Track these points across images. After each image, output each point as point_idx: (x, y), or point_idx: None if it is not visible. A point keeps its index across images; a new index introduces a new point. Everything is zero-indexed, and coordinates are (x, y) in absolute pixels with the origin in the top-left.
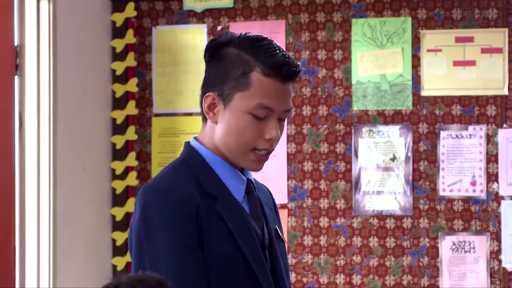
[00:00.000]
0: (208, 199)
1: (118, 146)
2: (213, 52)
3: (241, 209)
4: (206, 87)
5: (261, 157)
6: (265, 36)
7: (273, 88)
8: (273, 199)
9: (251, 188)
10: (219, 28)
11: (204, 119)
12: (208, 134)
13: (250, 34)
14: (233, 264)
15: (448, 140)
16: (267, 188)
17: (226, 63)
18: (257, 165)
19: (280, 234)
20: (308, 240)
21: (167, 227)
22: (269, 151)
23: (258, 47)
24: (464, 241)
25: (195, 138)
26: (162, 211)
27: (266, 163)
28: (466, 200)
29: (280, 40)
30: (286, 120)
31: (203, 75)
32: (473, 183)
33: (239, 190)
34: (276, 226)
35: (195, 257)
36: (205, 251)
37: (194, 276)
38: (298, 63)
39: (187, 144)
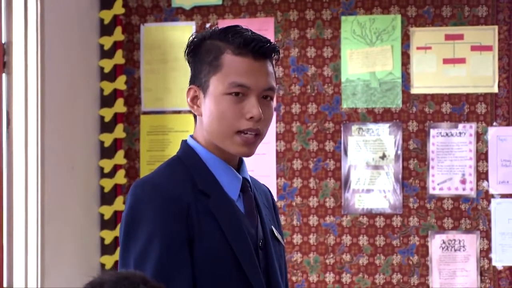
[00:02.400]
0: (201, 197)
1: (107, 144)
2: (191, 51)
3: (234, 207)
4: (189, 83)
5: (247, 139)
6: (239, 25)
7: (245, 65)
8: (273, 199)
9: (247, 187)
10: (207, 25)
11: (195, 117)
12: (199, 130)
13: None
14: (223, 264)
15: (438, 138)
16: (267, 188)
17: (201, 54)
18: (246, 149)
19: (277, 235)
20: (297, 238)
21: (154, 223)
22: (255, 132)
23: (228, 31)
24: (454, 240)
25: (192, 136)
26: (151, 207)
27: (255, 161)
28: (456, 199)
29: (269, 38)
30: (274, 101)
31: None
32: (463, 181)
33: (233, 189)
34: (273, 227)
35: (180, 255)
36: (195, 250)
37: (176, 274)
38: (271, 40)
39: (184, 142)
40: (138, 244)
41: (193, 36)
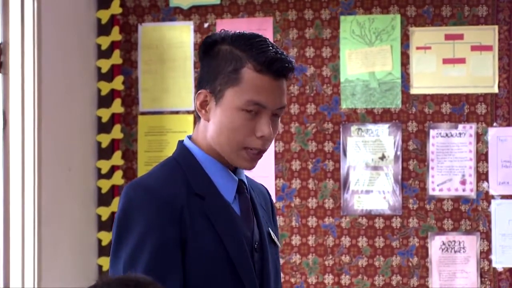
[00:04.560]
0: (196, 199)
1: (104, 145)
2: (206, 50)
3: (229, 209)
4: (199, 84)
5: (253, 156)
6: (259, 34)
7: (265, 84)
8: (271, 200)
9: (243, 188)
10: (206, 25)
11: (198, 118)
12: (201, 132)
13: (244, 31)
14: (218, 266)
15: (437, 138)
16: (265, 188)
17: (219, 60)
18: (250, 164)
19: (273, 237)
20: (296, 240)
21: (145, 225)
22: (261, 151)
23: (251, 44)
24: (454, 241)
25: (189, 137)
26: (143, 209)
27: None
28: (456, 200)
29: (267, 38)
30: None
31: (191, 73)
32: (463, 182)
33: (229, 190)
34: (270, 229)
35: (170, 258)
36: (189, 252)
37: (166, 277)
38: (291, 59)
39: (180, 143)
40: (128, 246)
41: (210, 36)
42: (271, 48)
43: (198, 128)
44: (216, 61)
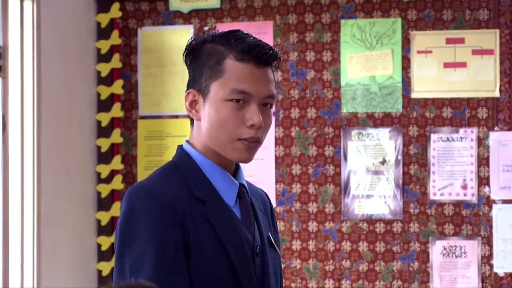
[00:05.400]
0: (197, 204)
1: (103, 149)
2: (190, 53)
3: (230, 213)
4: (187, 87)
5: (248, 145)
6: (240, 29)
7: (247, 72)
8: (270, 205)
9: (244, 193)
10: (205, 29)
11: (191, 121)
12: (196, 135)
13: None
14: (219, 270)
15: (438, 143)
16: (264, 193)
17: (201, 57)
18: (246, 155)
19: (273, 242)
20: (296, 244)
21: (149, 231)
22: (256, 140)
23: (230, 36)
24: (455, 246)
25: (187, 142)
26: (146, 214)
27: (254, 166)
28: (457, 204)
29: (268, 41)
30: (273, 108)
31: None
32: (464, 187)
33: (230, 195)
34: (270, 234)
35: (175, 262)
36: (191, 257)
37: (172, 281)
38: (274, 48)
39: (180, 147)
40: (133, 251)
41: (193, 39)
42: (251, 38)
43: (193, 131)
44: (199, 60)
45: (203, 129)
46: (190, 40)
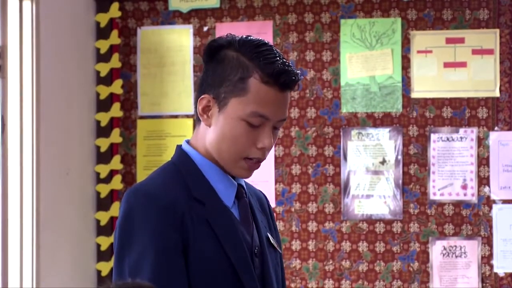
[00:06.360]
0: (196, 205)
1: (103, 149)
2: (211, 54)
3: (229, 214)
4: (202, 88)
5: (252, 165)
6: (266, 42)
7: (271, 96)
8: (269, 205)
9: (242, 193)
10: (205, 29)
11: (198, 121)
12: (201, 137)
13: (251, 37)
14: (219, 271)
15: (438, 143)
16: (263, 194)
17: (224, 66)
18: (247, 173)
19: (272, 242)
20: (296, 244)
21: (148, 232)
22: (260, 160)
23: (258, 52)
24: (455, 246)
25: (187, 142)
26: (145, 215)
27: None
28: (457, 204)
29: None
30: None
31: (190, 77)
32: (464, 187)
33: (229, 195)
34: (268, 234)
35: (175, 263)
36: (190, 258)
37: (171, 283)
38: (298, 71)
39: (179, 147)
40: (132, 253)
41: (215, 39)
42: (278, 58)
43: (197, 133)
44: (221, 67)
45: (211, 137)
46: (213, 40)
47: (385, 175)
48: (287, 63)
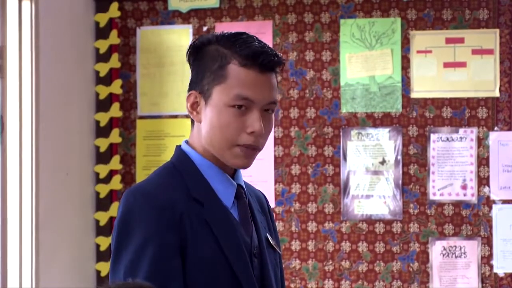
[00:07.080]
0: (195, 205)
1: (102, 149)
2: (194, 53)
3: (228, 215)
4: (190, 87)
5: (246, 151)
6: (246, 32)
7: (251, 78)
8: (268, 206)
9: (242, 194)
10: (204, 28)
11: (193, 122)
12: (196, 136)
13: (231, 31)
14: (218, 272)
15: (438, 143)
16: (262, 194)
17: (205, 60)
18: (244, 161)
19: (272, 242)
20: (296, 245)
21: (146, 232)
22: (254, 147)
23: (235, 40)
24: (455, 246)
25: (187, 142)
26: (143, 215)
27: (253, 166)
28: (457, 204)
29: (267, 41)
30: (273, 115)
31: (189, 77)
32: (464, 187)
33: (228, 196)
34: (268, 234)
35: (171, 264)
36: (188, 258)
37: (167, 284)
38: (278, 53)
39: (178, 147)
40: (129, 253)
41: (196, 39)
42: (256, 42)
43: (193, 132)
44: (203, 62)
45: (203, 131)
46: (194, 40)
47: (385, 175)
48: (265, 46)
